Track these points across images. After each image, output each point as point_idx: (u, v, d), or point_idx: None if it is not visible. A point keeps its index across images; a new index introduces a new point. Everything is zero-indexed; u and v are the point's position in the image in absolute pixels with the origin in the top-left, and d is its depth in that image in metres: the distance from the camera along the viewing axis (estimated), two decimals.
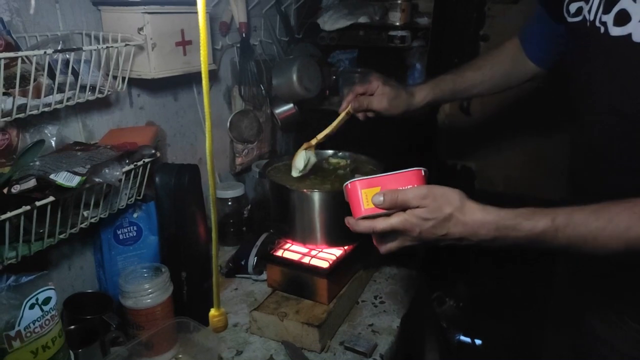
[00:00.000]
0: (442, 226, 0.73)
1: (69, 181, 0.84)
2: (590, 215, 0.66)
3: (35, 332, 0.77)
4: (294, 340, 1.05)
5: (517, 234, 0.69)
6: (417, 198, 0.74)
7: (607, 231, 0.65)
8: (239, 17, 1.47)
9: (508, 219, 0.70)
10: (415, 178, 0.79)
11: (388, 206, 0.76)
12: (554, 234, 0.67)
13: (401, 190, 0.76)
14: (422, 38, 1.83)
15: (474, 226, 0.72)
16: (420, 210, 0.74)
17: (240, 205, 1.51)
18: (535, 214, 0.69)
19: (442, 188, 0.75)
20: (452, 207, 0.72)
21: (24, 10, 0.94)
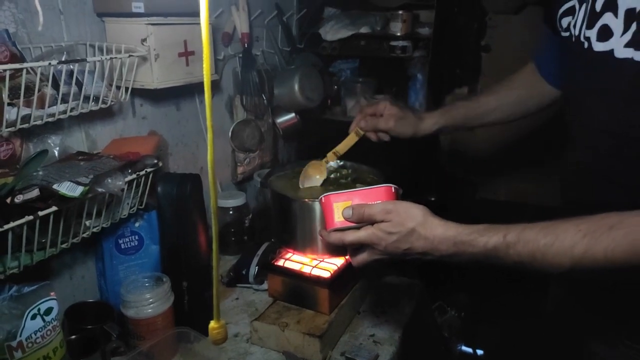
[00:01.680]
0: (405, 240, 0.76)
1: (71, 191, 0.85)
2: (540, 232, 0.68)
3: (36, 342, 0.77)
4: (295, 351, 1.05)
5: (472, 249, 0.72)
6: (382, 213, 0.77)
7: (553, 248, 0.66)
8: (241, 28, 1.49)
9: (465, 234, 0.72)
10: (385, 194, 0.83)
11: (356, 219, 0.80)
12: (505, 250, 0.69)
13: (368, 205, 0.79)
14: (423, 48, 1.85)
15: (434, 241, 0.74)
16: (384, 225, 0.77)
17: (241, 214, 1.51)
18: (489, 230, 0.71)
19: (407, 204, 0.78)
20: (415, 222, 0.75)
21: (29, 22, 0.95)
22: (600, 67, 0.73)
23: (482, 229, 0.72)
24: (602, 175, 0.79)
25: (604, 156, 0.78)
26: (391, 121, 1.15)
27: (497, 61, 1.95)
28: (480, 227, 0.72)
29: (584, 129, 0.82)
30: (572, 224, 0.66)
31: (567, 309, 0.94)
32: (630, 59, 0.67)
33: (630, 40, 0.67)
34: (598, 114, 0.77)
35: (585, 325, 0.89)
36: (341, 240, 0.83)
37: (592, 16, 0.73)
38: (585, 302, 0.90)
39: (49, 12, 0.99)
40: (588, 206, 0.70)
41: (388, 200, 0.81)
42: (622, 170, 0.75)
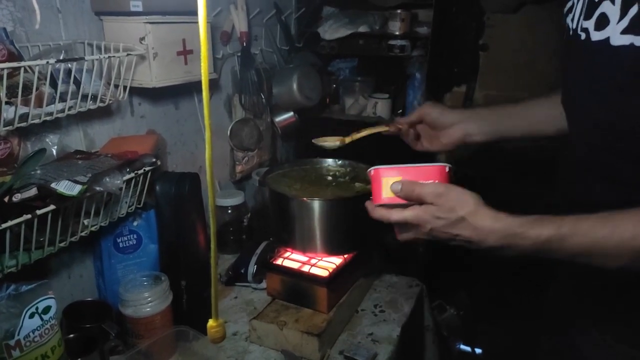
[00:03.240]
0: (453, 227, 0.73)
1: (69, 190, 0.85)
2: (596, 223, 0.65)
3: (34, 341, 0.77)
4: (293, 349, 1.05)
5: (523, 242, 0.69)
6: (432, 195, 0.74)
7: (613, 240, 0.63)
8: (239, 27, 1.49)
9: (515, 226, 0.69)
10: (438, 174, 0.79)
11: (404, 197, 0.77)
12: (559, 243, 0.66)
13: (419, 184, 0.76)
14: (421, 47, 1.85)
15: (482, 233, 0.71)
16: (433, 208, 0.74)
17: (240, 213, 1.51)
18: (541, 221, 0.68)
19: (459, 190, 0.74)
20: (465, 210, 0.72)
21: (27, 21, 0.94)
22: (595, 57, 0.71)
23: (533, 220, 0.68)
24: (597, 170, 0.77)
25: (597, 150, 0.76)
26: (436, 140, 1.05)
27: (495, 60, 1.96)
28: (532, 219, 0.69)
29: (578, 124, 0.80)
30: (630, 215, 0.63)
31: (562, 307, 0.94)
32: (629, 46, 0.64)
33: (628, 26, 0.65)
34: (591, 107, 0.75)
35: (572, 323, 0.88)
36: (387, 217, 0.79)
37: (590, 6, 0.72)
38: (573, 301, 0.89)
39: (46, 11, 0.98)
40: (586, 205, 0.70)
41: (440, 183, 0.78)
42: (617, 165, 0.73)
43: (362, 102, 1.96)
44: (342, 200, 1.15)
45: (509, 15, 1.89)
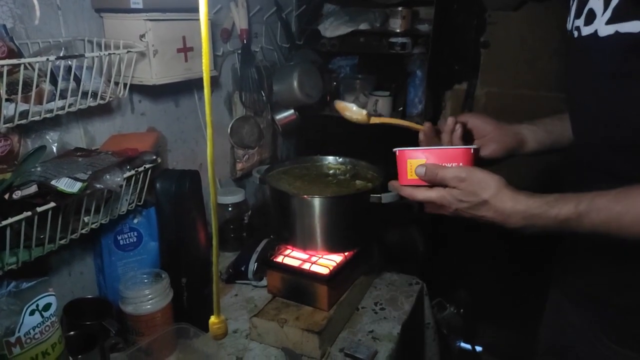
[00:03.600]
0: (476, 209, 0.75)
1: (70, 187, 0.85)
2: (612, 200, 0.66)
3: (35, 338, 0.77)
4: (294, 347, 1.05)
5: (544, 221, 0.70)
6: (455, 179, 0.76)
7: (629, 215, 0.64)
8: (240, 24, 1.48)
9: (535, 207, 0.71)
10: (462, 156, 0.80)
11: (428, 180, 0.79)
12: (577, 220, 0.68)
13: (442, 168, 0.78)
14: (422, 45, 1.84)
15: (503, 214, 0.73)
16: (456, 192, 0.76)
17: (240, 211, 1.51)
18: (559, 201, 0.70)
19: (482, 173, 0.76)
20: (488, 193, 0.74)
21: (27, 17, 0.94)
22: (587, 52, 0.73)
23: (552, 200, 0.70)
24: (599, 170, 0.78)
25: (600, 149, 0.76)
26: None
27: (496, 57, 1.95)
28: (551, 199, 0.70)
29: (580, 124, 0.81)
30: None
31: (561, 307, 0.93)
32: (614, 34, 0.66)
33: (611, 16, 0.67)
34: (590, 103, 0.76)
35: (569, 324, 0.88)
36: (412, 196, 0.81)
37: (580, 4, 0.73)
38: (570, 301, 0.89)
39: (46, 8, 0.98)
40: None
41: (463, 166, 0.79)
42: (618, 163, 0.74)
43: (362, 99, 1.95)
44: (343, 198, 1.15)
45: (510, 12, 1.88)
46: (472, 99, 2.01)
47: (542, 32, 1.82)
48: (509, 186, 0.75)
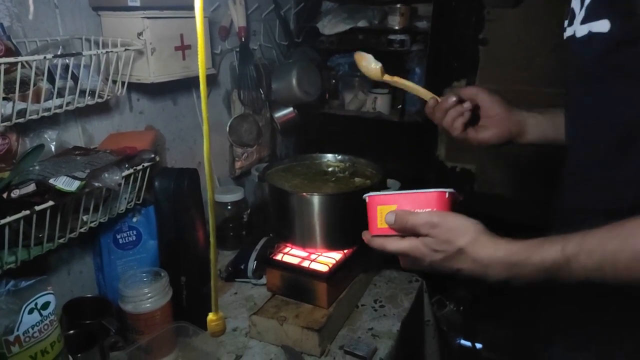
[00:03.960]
0: (452, 260, 0.68)
1: (68, 186, 0.85)
2: (604, 237, 0.57)
3: (34, 337, 0.77)
4: (293, 345, 1.05)
5: (528, 270, 0.62)
6: (427, 226, 0.69)
7: (625, 254, 0.55)
8: (238, 22, 1.48)
9: (516, 253, 0.63)
10: (436, 201, 0.72)
11: (397, 228, 0.72)
12: (566, 265, 0.59)
13: (413, 214, 0.71)
14: (421, 42, 1.84)
15: (482, 264, 0.65)
16: (429, 240, 0.69)
17: (239, 209, 1.51)
18: (543, 244, 0.61)
19: (456, 218, 0.69)
20: (463, 240, 0.66)
21: (24, 16, 0.94)
22: (570, 54, 0.69)
23: (535, 244, 0.62)
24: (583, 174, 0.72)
25: (582, 153, 0.72)
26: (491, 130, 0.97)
27: (495, 54, 1.95)
28: (534, 243, 0.62)
29: (567, 130, 0.76)
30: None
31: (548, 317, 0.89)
32: (588, 34, 0.63)
33: (585, 15, 0.64)
34: (570, 106, 0.72)
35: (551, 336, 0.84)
36: (383, 247, 0.75)
37: (568, 3, 0.71)
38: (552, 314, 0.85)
39: (43, 6, 0.98)
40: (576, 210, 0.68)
41: (435, 211, 0.71)
42: (606, 171, 0.68)
43: (361, 97, 1.95)
44: (342, 195, 1.15)
45: (509, 9, 1.88)
46: None
47: (540, 29, 1.82)
48: (488, 232, 0.67)
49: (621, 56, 0.61)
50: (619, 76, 0.62)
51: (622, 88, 0.63)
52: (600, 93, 0.66)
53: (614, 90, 0.64)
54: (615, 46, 0.61)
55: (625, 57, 0.61)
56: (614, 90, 0.64)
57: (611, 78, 0.63)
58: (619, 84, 0.63)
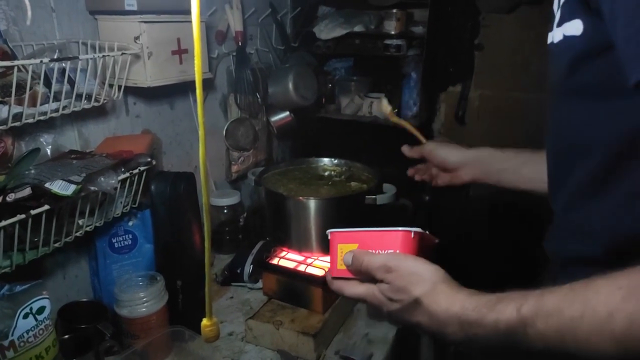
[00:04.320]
0: (409, 312, 0.60)
1: (64, 190, 0.84)
2: (564, 298, 0.47)
3: (29, 341, 0.77)
4: (289, 349, 1.05)
5: (483, 332, 0.53)
6: (382, 270, 0.61)
7: (584, 323, 0.44)
8: (235, 26, 1.48)
9: (470, 311, 0.54)
10: (400, 241, 0.64)
11: (354, 271, 0.65)
12: (522, 330, 0.49)
13: (369, 255, 0.64)
14: (417, 47, 1.85)
15: (439, 320, 0.57)
16: (384, 287, 0.62)
17: (236, 213, 1.51)
18: (502, 301, 0.52)
19: (416, 264, 0.61)
20: (420, 289, 0.58)
21: (20, 20, 0.94)
22: (549, 63, 0.60)
23: (494, 300, 0.53)
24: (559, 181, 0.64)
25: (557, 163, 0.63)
26: None
27: (490, 59, 1.96)
28: (492, 299, 0.53)
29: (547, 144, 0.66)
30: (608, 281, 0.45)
31: None
32: (562, 40, 0.54)
33: (559, 16, 0.55)
34: (548, 123, 0.63)
35: None
36: (341, 291, 0.68)
37: None
38: None
39: (40, 10, 0.98)
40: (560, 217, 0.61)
41: (394, 253, 0.64)
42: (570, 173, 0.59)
43: (357, 101, 1.95)
44: (338, 200, 1.15)
45: (504, 15, 1.89)
46: (466, 101, 2.02)
47: (535, 35, 1.83)
48: (448, 281, 0.59)
49: (597, 65, 0.50)
50: (593, 91, 0.52)
51: (600, 105, 0.52)
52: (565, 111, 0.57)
53: (589, 108, 0.53)
54: (589, 53, 0.50)
55: (604, 66, 0.49)
56: (590, 108, 0.53)
57: (584, 93, 0.53)
58: (597, 100, 0.52)
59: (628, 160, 0.51)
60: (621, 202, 0.52)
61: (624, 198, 0.52)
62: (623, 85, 0.44)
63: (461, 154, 0.98)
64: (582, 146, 0.55)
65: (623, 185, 0.51)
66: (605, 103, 0.51)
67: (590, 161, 0.54)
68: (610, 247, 0.53)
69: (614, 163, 0.52)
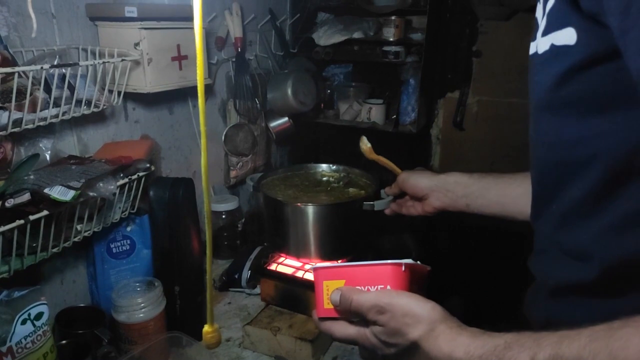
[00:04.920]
0: (407, 356, 0.56)
1: (63, 195, 0.85)
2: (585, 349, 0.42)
3: (27, 347, 0.77)
4: (287, 355, 1.05)
5: None
6: (373, 310, 0.56)
7: None
8: (234, 32, 1.49)
9: (476, 357, 0.50)
10: (390, 276, 0.59)
11: (342, 311, 0.60)
12: None
13: (357, 295, 0.58)
14: (415, 53, 1.86)
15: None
16: (378, 330, 0.57)
17: (234, 218, 1.51)
18: (509, 349, 0.48)
19: (410, 302, 0.56)
20: (417, 332, 0.54)
21: (21, 26, 0.94)
22: (532, 74, 0.57)
23: (501, 347, 0.49)
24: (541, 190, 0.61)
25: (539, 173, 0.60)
26: None
27: (488, 66, 1.97)
28: (500, 344, 0.49)
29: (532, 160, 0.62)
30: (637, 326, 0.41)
31: None
32: (549, 50, 0.50)
33: (546, 24, 0.51)
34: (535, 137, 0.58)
35: None
36: (330, 332, 0.63)
37: None
38: None
39: (41, 16, 0.98)
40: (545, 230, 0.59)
41: (385, 291, 0.58)
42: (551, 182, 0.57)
43: (356, 107, 1.96)
44: (336, 206, 1.16)
45: (502, 22, 1.90)
46: (464, 108, 2.03)
47: None
48: (448, 320, 0.55)
49: (598, 74, 0.46)
50: (591, 103, 0.48)
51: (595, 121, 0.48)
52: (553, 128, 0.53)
53: (586, 122, 0.49)
54: (587, 62, 0.46)
55: (599, 78, 0.46)
56: (586, 121, 0.49)
57: (579, 106, 0.49)
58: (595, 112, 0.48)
59: (627, 176, 0.47)
60: (619, 223, 0.49)
61: (621, 218, 0.49)
62: (630, 95, 0.41)
63: (429, 180, 0.97)
64: (575, 163, 0.51)
65: (621, 203, 0.48)
66: (606, 115, 0.47)
67: (585, 178, 0.50)
68: (604, 272, 0.50)
69: (611, 180, 0.48)
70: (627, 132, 0.46)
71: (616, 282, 0.49)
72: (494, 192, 0.87)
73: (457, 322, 0.55)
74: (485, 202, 0.88)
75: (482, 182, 0.90)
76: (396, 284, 0.59)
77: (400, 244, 1.95)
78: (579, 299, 0.53)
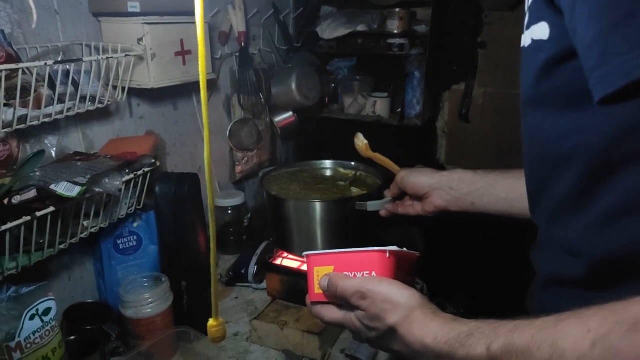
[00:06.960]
0: (387, 340, 0.58)
1: (69, 191, 0.85)
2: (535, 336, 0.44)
3: (35, 343, 0.77)
4: (294, 349, 1.05)
5: None
6: (356, 296, 0.59)
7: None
8: (238, 27, 1.49)
9: (443, 343, 0.52)
10: (376, 262, 0.61)
11: (329, 296, 0.63)
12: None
13: (343, 281, 0.61)
14: (420, 46, 1.85)
15: (413, 350, 0.55)
16: (360, 314, 0.60)
17: (240, 213, 1.51)
18: (471, 336, 0.50)
19: (391, 289, 0.58)
20: (394, 318, 0.56)
21: (24, 22, 0.94)
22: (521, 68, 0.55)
23: (464, 333, 0.50)
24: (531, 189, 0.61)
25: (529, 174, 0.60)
26: None
27: (494, 57, 1.96)
28: (464, 331, 0.51)
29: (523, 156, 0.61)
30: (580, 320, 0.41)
31: None
32: (531, 45, 0.50)
33: (528, 18, 0.51)
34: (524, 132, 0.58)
35: None
36: (320, 317, 0.66)
37: None
38: None
39: (44, 13, 0.98)
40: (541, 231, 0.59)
41: (368, 277, 0.60)
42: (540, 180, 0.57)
43: (361, 101, 1.95)
44: (339, 202, 1.15)
45: (507, 13, 1.89)
46: (469, 100, 2.02)
47: None
48: (424, 307, 0.56)
49: (572, 68, 0.46)
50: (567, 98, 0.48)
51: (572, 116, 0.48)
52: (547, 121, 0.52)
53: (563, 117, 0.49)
54: (560, 57, 0.46)
55: (572, 73, 0.46)
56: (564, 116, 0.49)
57: (557, 101, 0.49)
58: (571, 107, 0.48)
59: (607, 172, 0.47)
60: (602, 218, 0.49)
61: (604, 213, 0.48)
62: None
63: (431, 177, 0.92)
64: (558, 158, 0.51)
65: (603, 199, 0.48)
66: (582, 111, 0.47)
67: (568, 174, 0.50)
68: (591, 267, 0.50)
69: (592, 175, 0.48)
70: (603, 127, 0.46)
71: (604, 277, 0.50)
72: (500, 189, 0.84)
73: (432, 308, 0.57)
74: (492, 200, 0.85)
75: (487, 178, 0.87)
76: (381, 271, 0.61)
77: (406, 237, 1.95)
78: (571, 291, 0.54)
